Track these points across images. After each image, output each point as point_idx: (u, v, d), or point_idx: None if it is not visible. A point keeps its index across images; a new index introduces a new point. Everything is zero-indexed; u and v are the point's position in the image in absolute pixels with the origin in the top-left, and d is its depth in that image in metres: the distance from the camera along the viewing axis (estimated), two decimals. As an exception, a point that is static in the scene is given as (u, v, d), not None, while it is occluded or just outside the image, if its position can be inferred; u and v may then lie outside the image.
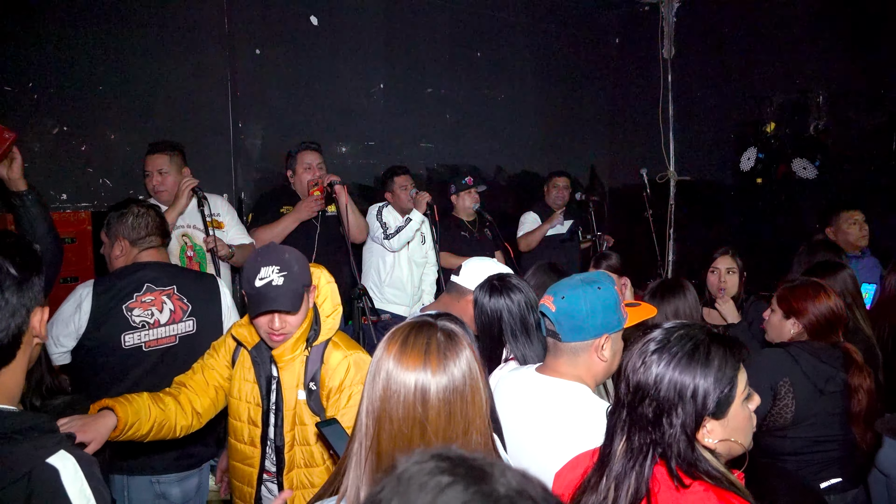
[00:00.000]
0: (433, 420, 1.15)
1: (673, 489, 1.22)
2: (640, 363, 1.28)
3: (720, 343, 1.28)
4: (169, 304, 2.48)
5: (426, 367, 1.16)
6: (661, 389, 1.24)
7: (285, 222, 3.75)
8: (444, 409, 1.16)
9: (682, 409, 1.23)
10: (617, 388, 1.37)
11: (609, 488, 1.27)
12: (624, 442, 1.28)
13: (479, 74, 5.46)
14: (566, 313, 1.69)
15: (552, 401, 1.74)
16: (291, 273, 1.88)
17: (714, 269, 3.41)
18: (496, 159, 5.64)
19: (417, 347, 1.19)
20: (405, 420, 1.15)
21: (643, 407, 1.26)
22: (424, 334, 1.21)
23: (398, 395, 1.16)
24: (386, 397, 1.16)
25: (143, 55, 3.84)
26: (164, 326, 2.47)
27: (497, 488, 0.63)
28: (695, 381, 1.23)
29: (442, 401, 1.16)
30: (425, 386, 1.15)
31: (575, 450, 1.60)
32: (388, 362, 1.18)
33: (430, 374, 1.16)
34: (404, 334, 1.22)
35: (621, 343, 1.78)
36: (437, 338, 1.20)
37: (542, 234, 4.95)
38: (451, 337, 1.22)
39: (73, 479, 1.12)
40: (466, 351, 1.22)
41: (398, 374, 1.16)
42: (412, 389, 1.15)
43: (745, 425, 1.30)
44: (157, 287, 2.47)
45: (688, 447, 1.23)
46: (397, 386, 1.16)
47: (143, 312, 2.43)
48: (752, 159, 5.42)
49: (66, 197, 3.61)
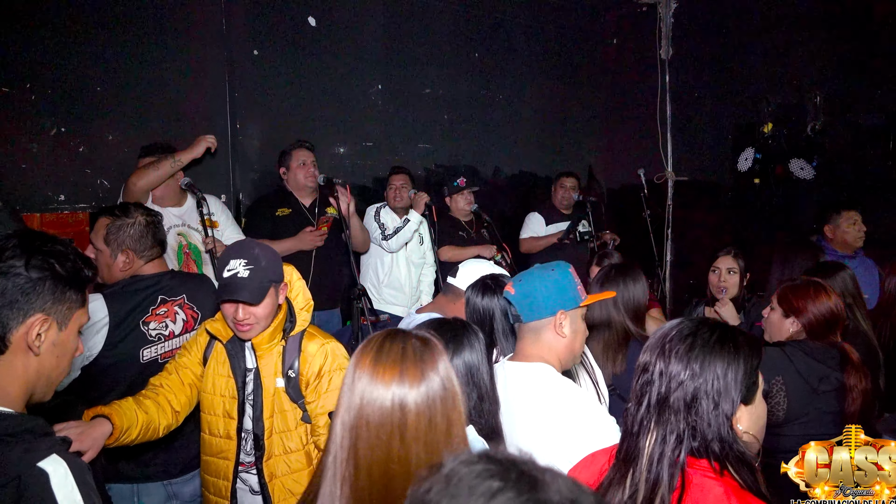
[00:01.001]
0: (412, 426, 1.11)
1: (702, 478, 1.22)
2: (669, 352, 1.30)
3: (742, 334, 1.32)
4: (181, 314, 2.47)
5: (402, 380, 1.12)
6: (698, 374, 1.26)
7: (286, 244, 3.74)
8: (424, 416, 1.12)
9: (721, 391, 1.25)
10: (634, 385, 1.37)
11: (639, 481, 1.27)
12: (654, 431, 1.28)
13: (478, 75, 5.46)
14: (524, 293, 1.83)
15: (517, 383, 1.83)
16: (258, 267, 1.98)
17: (715, 268, 3.42)
18: (494, 160, 5.64)
19: (392, 358, 1.14)
20: (382, 429, 1.11)
21: (678, 392, 1.27)
22: (399, 342, 1.17)
23: (374, 408, 1.11)
24: (362, 414, 1.12)
25: (140, 56, 3.84)
26: (178, 337, 2.45)
27: (551, 496, 0.62)
28: (731, 364, 1.26)
29: (422, 410, 1.12)
30: (403, 399, 1.12)
31: (544, 426, 1.70)
32: (363, 376, 1.14)
33: (406, 386, 1.12)
34: (378, 344, 1.17)
35: (582, 324, 1.88)
36: (412, 346, 1.17)
37: (548, 243, 4.92)
38: (426, 343, 1.19)
39: (63, 483, 1.11)
40: (444, 356, 1.19)
41: (373, 389, 1.12)
42: (389, 403, 1.11)
43: (764, 416, 1.35)
44: (170, 298, 2.45)
45: (728, 428, 1.24)
46: (372, 399, 1.12)
47: (158, 325, 2.41)
48: (749, 159, 5.43)
49: (63, 198, 3.61)
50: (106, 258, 2.39)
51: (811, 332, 2.42)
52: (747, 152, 5.43)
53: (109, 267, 2.38)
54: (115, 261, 2.38)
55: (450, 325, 1.69)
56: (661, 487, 1.24)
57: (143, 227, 2.40)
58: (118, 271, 2.40)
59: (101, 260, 2.38)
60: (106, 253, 2.38)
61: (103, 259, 2.39)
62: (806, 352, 2.36)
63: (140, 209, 2.46)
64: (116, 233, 2.35)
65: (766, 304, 2.76)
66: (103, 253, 2.39)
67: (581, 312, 1.87)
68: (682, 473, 1.24)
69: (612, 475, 1.34)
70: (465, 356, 1.63)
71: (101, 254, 2.39)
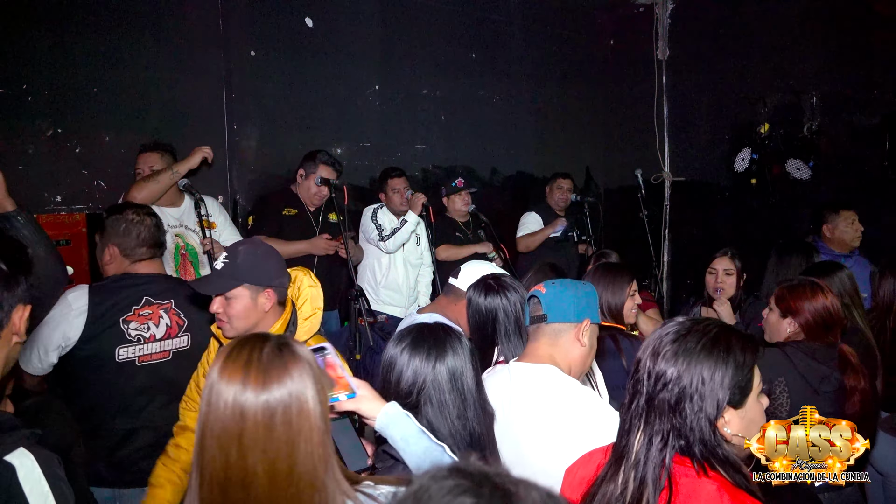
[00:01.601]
0: (250, 432, 1.08)
1: (693, 477, 1.23)
2: (660, 352, 1.30)
3: (738, 335, 1.31)
4: (166, 318, 2.41)
5: (245, 383, 1.10)
6: (683, 376, 1.26)
7: (298, 247, 3.80)
8: (263, 424, 1.09)
9: (704, 394, 1.24)
10: (629, 383, 1.38)
11: (628, 479, 1.28)
12: (642, 431, 1.29)
13: (474, 75, 5.47)
14: (556, 294, 1.85)
15: (526, 384, 1.81)
16: (232, 262, 1.94)
17: (712, 269, 3.42)
18: (491, 160, 5.65)
19: (240, 361, 1.12)
20: (224, 433, 1.09)
21: (664, 394, 1.27)
22: (248, 348, 1.14)
23: (218, 407, 1.10)
24: (209, 410, 1.10)
25: (137, 57, 3.83)
26: (158, 342, 2.39)
27: None
28: (717, 367, 1.25)
29: (260, 418, 1.09)
30: (242, 401, 1.09)
31: (554, 427, 1.69)
32: (213, 373, 1.13)
33: (249, 389, 1.09)
34: (232, 346, 1.16)
35: (594, 342, 1.91)
36: (262, 352, 1.14)
37: (543, 237, 4.92)
38: (281, 350, 1.15)
39: (30, 476, 1.12)
40: (300, 365, 1.14)
41: (220, 387, 1.11)
42: (230, 403, 1.09)
43: (759, 420, 1.34)
44: (156, 301, 2.40)
45: (710, 431, 1.24)
46: (217, 398, 1.10)
47: (139, 326, 2.35)
48: (746, 160, 5.44)
49: (60, 199, 3.60)
50: (99, 251, 2.45)
51: (809, 333, 2.42)
52: (744, 153, 5.44)
53: (100, 261, 2.46)
54: (103, 254, 2.42)
55: (431, 330, 1.66)
56: (647, 487, 1.24)
57: (128, 223, 2.38)
58: (104, 265, 2.43)
59: (98, 253, 2.46)
60: (99, 246, 2.44)
61: (98, 252, 2.46)
62: (806, 353, 2.36)
63: (135, 208, 2.47)
64: (107, 227, 2.41)
65: (763, 304, 2.76)
66: (98, 246, 2.45)
67: (596, 331, 1.92)
68: (669, 475, 1.24)
69: (606, 471, 1.35)
70: (448, 362, 1.60)
71: (98, 247, 2.46)
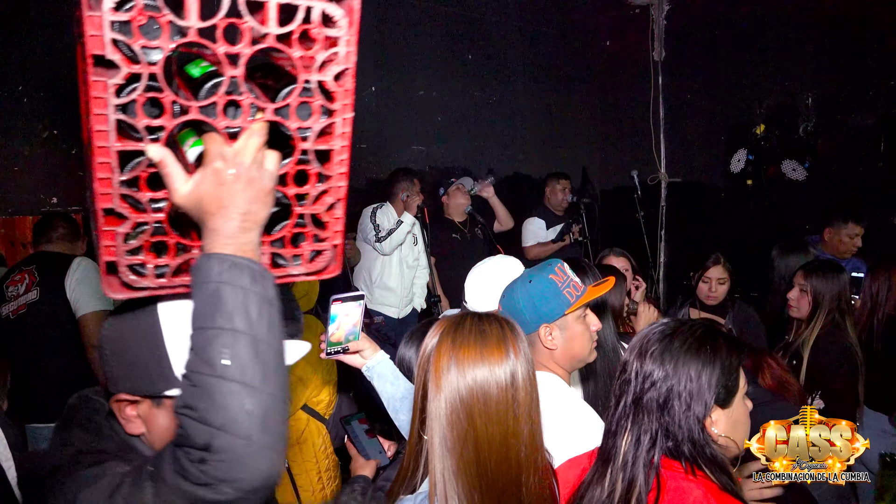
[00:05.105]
0: (523, 402, 1.22)
1: (680, 481, 1.23)
2: (647, 352, 1.30)
3: (724, 335, 1.32)
4: (27, 279, 3.09)
5: (508, 356, 1.23)
6: (671, 375, 1.26)
7: None
8: (529, 389, 1.24)
9: (693, 392, 1.25)
10: (615, 385, 1.37)
11: (616, 481, 1.28)
12: (629, 432, 1.29)
13: (471, 77, 5.47)
14: (509, 312, 1.74)
15: None
16: None
17: (706, 279, 3.42)
18: (487, 161, 5.65)
19: (489, 338, 1.25)
20: (499, 405, 1.21)
21: (652, 393, 1.27)
22: (486, 325, 1.27)
23: (490, 386, 1.21)
24: (473, 393, 1.21)
25: (133, 58, 3.83)
26: (21, 297, 3.06)
27: None
28: (705, 366, 1.26)
29: (528, 382, 1.23)
30: (514, 371, 1.22)
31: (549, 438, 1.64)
32: (463, 359, 1.23)
33: (513, 359, 1.23)
34: (470, 326, 1.27)
35: (580, 325, 1.78)
36: (496, 327, 1.27)
37: (556, 248, 4.91)
38: (505, 324, 1.30)
39: None
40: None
41: (481, 369, 1.22)
42: (503, 379, 1.21)
43: (745, 420, 1.34)
44: (25, 267, 3.14)
45: (699, 430, 1.25)
46: (485, 379, 1.21)
47: (12, 288, 3.09)
48: (742, 161, 5.45)
49: (56, 200, 3.60)
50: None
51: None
52: (740, 154, 5.45)
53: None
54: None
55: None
56: (636, 488, 1.24)
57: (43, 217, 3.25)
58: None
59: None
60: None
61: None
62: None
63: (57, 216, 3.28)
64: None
65: (749, 304, 2.74)
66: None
67: (577, 314, 1.76)
68: (658, 475, 1.24)
69: (591, 474, 1.35)
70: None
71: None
